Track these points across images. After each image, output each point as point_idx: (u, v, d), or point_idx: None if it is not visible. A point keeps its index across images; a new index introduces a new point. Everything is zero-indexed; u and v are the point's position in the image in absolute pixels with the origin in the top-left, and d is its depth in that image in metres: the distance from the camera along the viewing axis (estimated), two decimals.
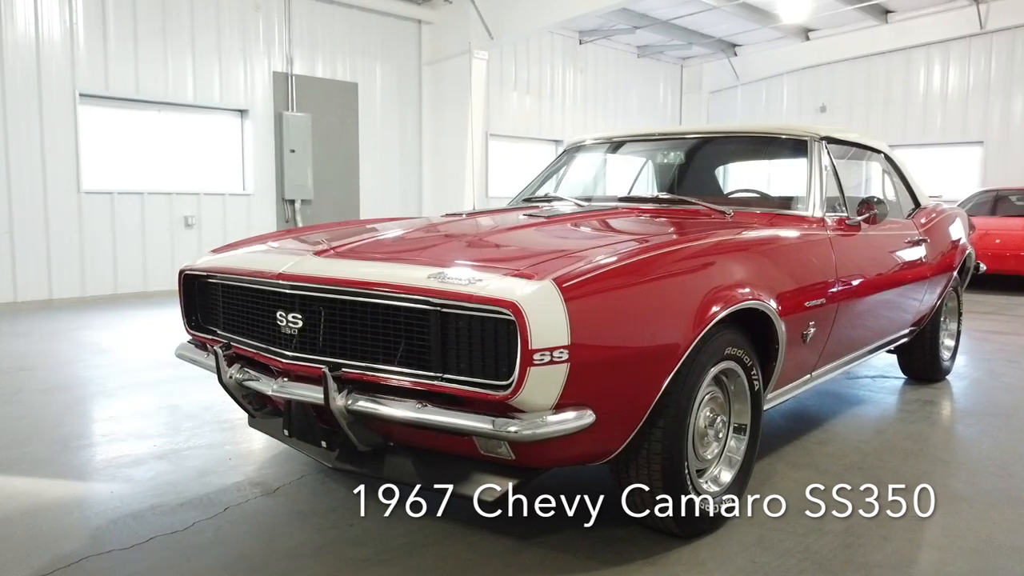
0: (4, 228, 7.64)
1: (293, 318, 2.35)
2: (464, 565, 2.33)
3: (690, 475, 2.40)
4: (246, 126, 9.52)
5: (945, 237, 4.38)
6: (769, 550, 2.44)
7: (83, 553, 2.35)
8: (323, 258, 2.41)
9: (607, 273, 2.12)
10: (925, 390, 4.50)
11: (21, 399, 4.14)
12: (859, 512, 2.73)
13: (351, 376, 2.23)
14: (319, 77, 10.12)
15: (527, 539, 2.50)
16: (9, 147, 7.65)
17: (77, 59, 8.03)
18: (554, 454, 2.14)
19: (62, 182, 8.00)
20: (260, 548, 2.42)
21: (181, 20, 8.77)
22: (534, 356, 1.93)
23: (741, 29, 13.91)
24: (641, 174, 4.08)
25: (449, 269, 2.15)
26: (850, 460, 3.29)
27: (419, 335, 2.13)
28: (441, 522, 2.61)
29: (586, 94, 14.16)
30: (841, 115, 14.49)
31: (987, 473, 3.14)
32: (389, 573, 2.28)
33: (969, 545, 2.50)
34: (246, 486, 2.92)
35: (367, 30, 10.60)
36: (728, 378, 2.63)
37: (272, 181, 9.76)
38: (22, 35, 7.66)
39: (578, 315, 2.00)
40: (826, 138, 3.54)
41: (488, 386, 2.02)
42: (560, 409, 2.02)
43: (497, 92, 12.52)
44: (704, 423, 2.52)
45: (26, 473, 3.03)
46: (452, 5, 10.92)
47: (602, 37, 13.83)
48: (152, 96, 8.61)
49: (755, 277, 2.60)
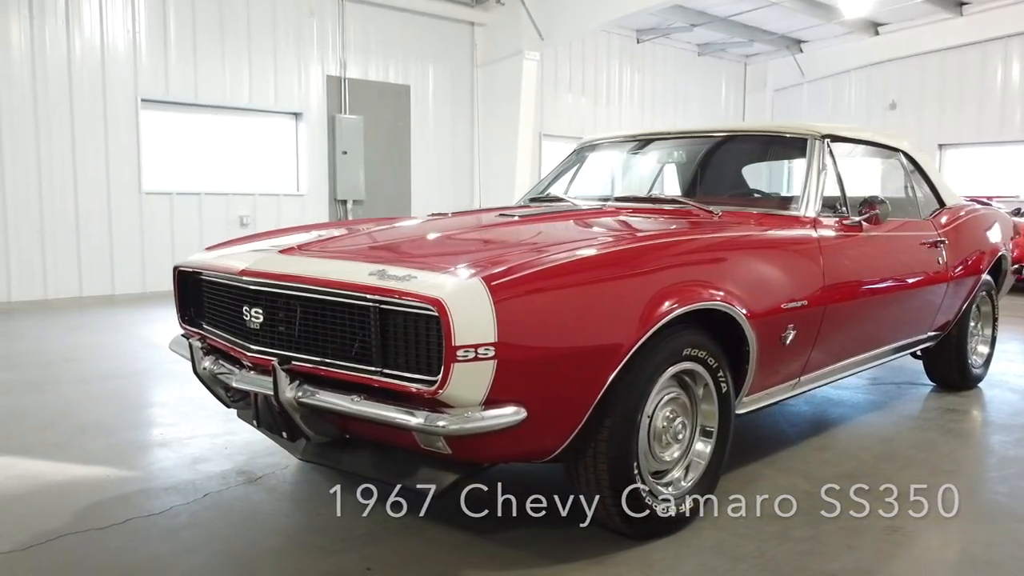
0: (70, 226, 8.09)
1: (255, 313, 2.45)
2: (416, 556, 2.39)
3: (641, 475, 2.39)
4: (300, 128, 9.82)
5: (971, 238, 4.20)
6: (723, 555, 2.41)
7: (62, 531, 2.50)
8: (284, 255, 2.50)
9: (539, 273, 2.13)
10: (951, 398, 4.32)
11: (58, 388, 4.40)
12: (832, 520, 2.66)
13: (304, 370, 2.31)
14: (372, 80, 10.34)
15: (484, 535, 2.54)
16: (76, 150, 8.11)
17: (139, 67, 8.44)
18: (489, 450, 2.17)
19: (124, 183, 8.43)
20: (226, 532, 2.53)
21: (238, 27, 9.11)
22: (458, 352, 1.97)
23: (804, 25, 13.53)
24: (646, 173, 4.05)
25: (391, 267, 2.21)
26: (844, 467, 3.20)
27: (361, 330, 2.20)
28: (406, 515, 2.67)
29: (643, 94, 14.03)
30: (912, 112, 13.95)
31: (986, 486, 3.02)
32: (340, 560, 2.35)
33: (940, 558, 2.41)
34: (231, 474, 3.04)
35: (420, 33, 10.78)
36: (693, 380, 2.61)
37: (325, 182, 10.03)
38: (89, 45, 8.10)
39: (507, 313, 2.03)
40: (829, 136, 3.45)
41: (420, 381, 2.07)
42: (490, 405, 2.06)
43: (551, 92, 12.54)
44: (662, 424, 2.51)
45: (38, 456, 3.23)
46: (504, 7, 11.00)
47: (660, 36, 13.68)
48: (210, 100, 8.98)
49: (719, 277, 2.57)
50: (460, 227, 2.86)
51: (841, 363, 3.38)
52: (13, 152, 7.73)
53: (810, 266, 2.98)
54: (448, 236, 2.70)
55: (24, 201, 7.83)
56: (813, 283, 2.97)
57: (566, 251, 2.28)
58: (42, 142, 7.89)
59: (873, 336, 3.53)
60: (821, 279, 3.01)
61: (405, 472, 2.37)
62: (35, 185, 7.88)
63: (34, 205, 7.89)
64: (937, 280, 3.82)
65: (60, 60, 7.94)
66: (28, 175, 7.83)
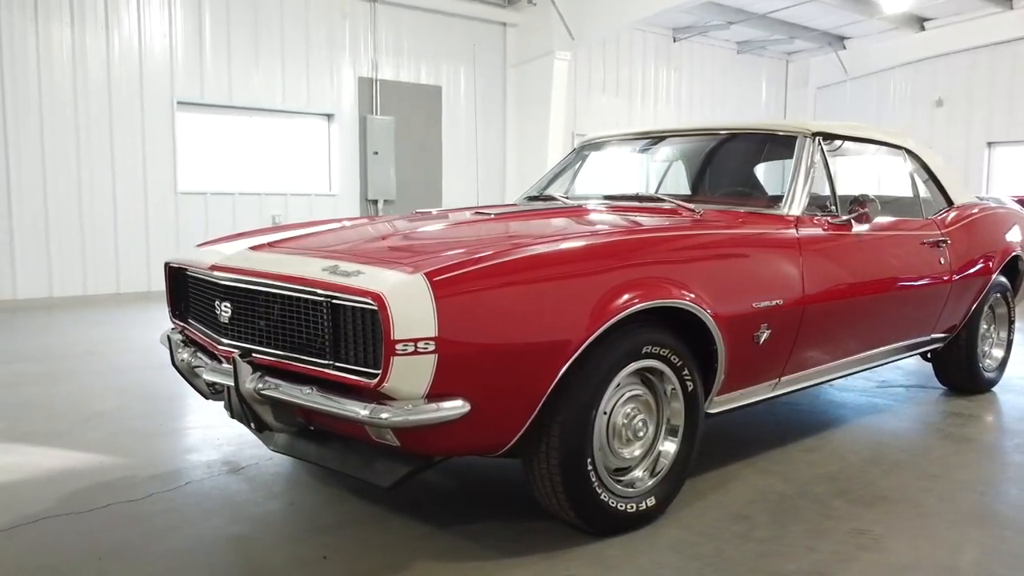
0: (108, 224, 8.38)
1: (225, 307, 2.54)
2: (375, 546, 2.44)
3: (596, 472, 2.40)
4: (332, 129, 10.00)
5: (980, 238, 4.08)
6: (680, 553, 2.40)
7: (44, 514, 2.62)
8: (254, 252, 2.58)
9: (483, 270, 2.17)
10: (960, 402, 4.21)
11: (75, 379, 4.58)
12: (799, 522, 2.63)
13: (266, 363, 2.39)
14: (403, 81, 10.47)
15: (446, 527, 2.58)
16: (115, 151, 8.39)
17: (175, 70, 8.69)
18: (437, 443, 2.21)
19: (160, 183, 8.69)
20: (197, 518, 2.61)
21: (271, 30, 9.32)
22: (397, 346, 2.02)
23: (847, 21, 13.24)
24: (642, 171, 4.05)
25: (343, 263, 2.26)
26: (828, 469, 3.16)
27: (315, 324, 2.26)
28: (376, 506, 2.73)
29: (680, 93, 13.90)
30: (959, 109, 13.54)
31: (969, 492, 2.94)
32: (300, 548, 2.41)
33: (899, 562, 2.37)
34: (217, 464, 3.14)
35: (452, 34, 10.87)
36: (658, 378, 2.60)
37: (356, 181, 10.19)
38: (127, 50, 8.38)
39: (448, 309, 2.06)
40: (820, 134, 3.40)
41: (364, 374, 2.12)
42: (433, 399, 2.09)
43: (585, 92, 12.52)
44: (622, 421, 2.52)
45: (39, 443, 3.38)
46: (536, 7, 11.02)
47: (697, 34, 13.54)
48: (244, 102, 9.20)
49: (682, 275, 2.56)
50: (430, 225, 2.90)
51: (829, 364, 3.32)
52: (55, 153, 8.04)
53: (787, 265, 2.95)
54: (413, 234, 2.75)
55: (65, 201, 8.13)
56: (790, 282, 2.93)
57: (515, 249, 2.31)
58: (82, 143, 8.19)
59: (865, 337, 3.46)
60: (800, 278, 2.97)
61: (363, 464, 2.43)
62: (75, 185, 8.18)
63: (74, 204, 8.19)
64: (938, 281, 3.73)
65: (99, 65, 8.23)
66: (69, 175, 8.14)
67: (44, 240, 8.06)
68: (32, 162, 7.93)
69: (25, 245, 7.96)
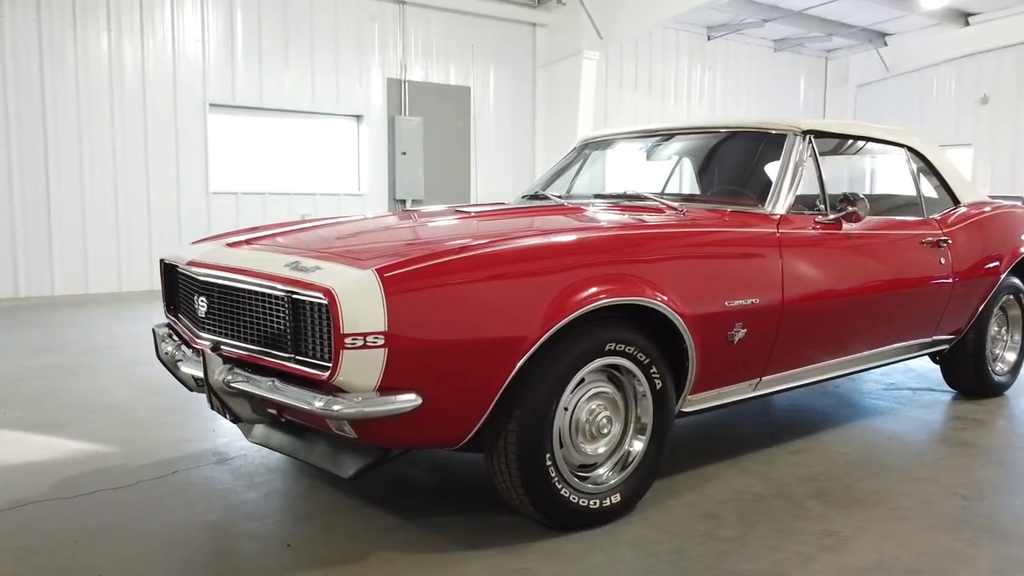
0: (143, 224, 8.64)
1: (201, 302, 2.62)
2: (339, 536, 2.49)
3: (556, 467, 2.42)
4: (362, 130, 10.15)
5: (987, 238, 3.97)
6: (638, 550, 2.41)
7: (32, 499, 2.74)
8: (229, 248, 2.66)
9: (436, 267, 2.20)
10: (967, 406, 4.11)
11: (91, 372, 4.75)
12: (768, 522, 2.62)
13: (237, 356, 2.46)
14: (432, 82, 10.57)
15: (413, 519, 2.63)
16: (149, 153, 8.65)
17: (208, 73, 8.92)
18: (393, 435, 2.26)
19: (193, 183, 8.93)
20: (175, 506, 2.70)
21: (302, 33, 9.50)
22: (346, 340, 2.07)
23: (887, 17, 12.95)
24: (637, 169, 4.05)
25: (305, 259, 2.33)
26: (810, 471, 3.12)
27: (277, 318, 2.32)
28: (349, 497, 2.79)
29: (714, 92, 13.76)
30: (1006, 106, 13.14)
31: (953, 496, 2.88)
32: (266, 535, 2.48)
33: (859, 564, 2.34)
34: (207, 454, 3.24)
35: (482, 35, 10.94)
36: (626, 376, 2.61)
37: (385, 181, 10.33)
38: (161, 53, 8.63)
39: (399, 305, 2.11)
40: (811, 132, 3.36)
41: (319, 367, 2.18)
42: (386, 392, 2.14)
43: (616, 91, 12.47)
44: (586, 418, 2.53)
45: (45, 432, 3.52)
46: (565, 7, 11.03)
47: (732, 32, 13.38)
48: (274, 104, 9.40)
49: (649, 273, 2.56)
50: (405, 223, 2.95)
51: (817, 365, 3.27)
52: (92, 154, 8.32)
53: (765, 264, 2.92)
54: (386, 232, 2.81)
55: (101, 200, 8.41)
56: (768, 282, 2.91)
57: (469, 247, 2.34)
58: (118, 145, 8.46)
59: (857, 338, 3.40)
60: (779, 278, 2.94)
61: (329, 456, 2.49)
62: (111, 185, 8.46)
63: (110, 204, 8.47)
64: (937, 282, 3.65)
65: (135, 68, 8.50)
66: (104, 176, 8.41)
67: (81, 239, 8.35)
68: (70, 163, 8.22)
69: (63, 244, 8.25)
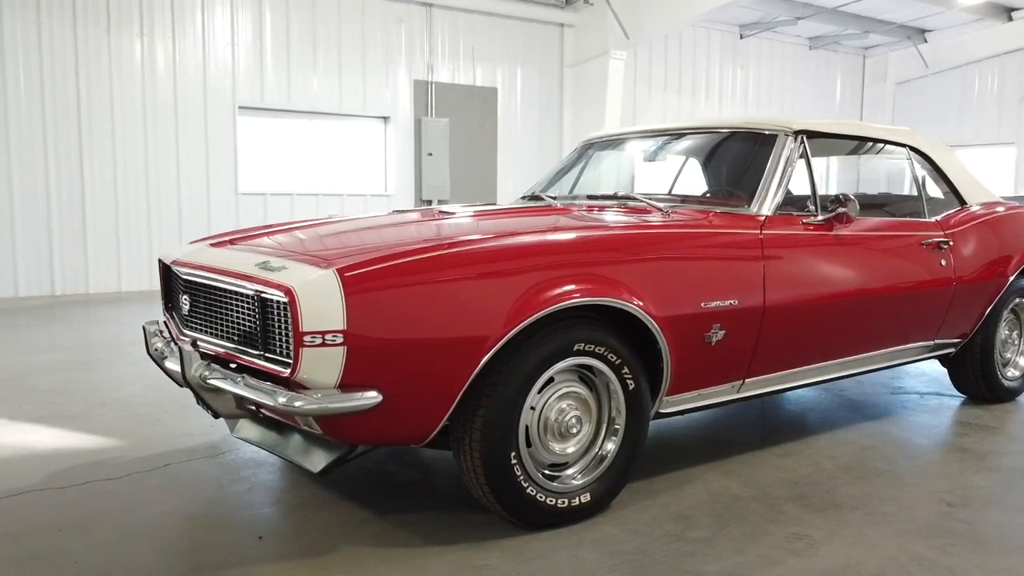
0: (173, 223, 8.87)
1: (184, 300, 2.71)
2: (310, 529, 2.55)
3: (522, 465, 2.44)
4: (388, 131, 10.26)
5: (993, 240, 3.88)
6: (602, 549, 2.42)
7: (27, 488, 2.85)
8: (212, 248, 2.74)
9: (396, 267, 2.24)
10: (975, 411, 4.01)
11: (106, 367, 4.91)
12: (739, 525, 2.60)
13: (214, 353, 2.54)
14: (459, 83, 10.64)
15: (386, 514, 2.67)
16: (180, 154, 8.87)
17: (237, 76, 9.11)
18: (355, 430, 2.30)
19: (222, 184, 9.13)
20: (159, 497, 2.79)
21: (329, 36, 9.65)
22: (304, 338, 2.13)
23: (926, 13, 12.65)
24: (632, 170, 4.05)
25: (275, 259, 2.38)
26: (795, 474, 3.09)
27: (248, 316, 2.39)
28: (327, 491, 2.85)
29: (747, 91, 13.59)
30: None
31: (936, 502, 2.82)
32: (240, 527, 2.55)
33: (823, 567, 2.32)
34: (201, 448, 3.33)
35: (509, 37, 10.97)
36: (598, 376, 2.62)
37: (411, 182, 10.42)
38: (192, 58, 8.84)
39: (359, 304, 2.15)
40: (803, 132, 3.33)
41: (283, 364, 2.24)
42: (347, 388, 2.19)
43: (646, 91, 12.41)
44: (555, 417, 2.55)
45: (51, 424, 3.65)
46: (592, 7, 11.01)
47: (765, 30, 13.21)
48: (302, 106, 9.56)
49: (619, 273, 2.56)
50: (384, 223, 2.99)
51: (805, 368, 3.24)
52: (125, 156, 8.56)
53: (746, 266, 2.90)
54: (360, 231, 2.85)
55: (133, 201, 8.65)
56: (748, 283, 2.89)
57: (433, 248, 2.37)
58: (150, 147, 8.69)
59: (848, 341, 3.36)
60: (761, 279, 2.92)
61: (301, 451, 2.55)
62: (143, 187, 8.68)
63: (142, 205, 8.70)
64: (936, 284, 3.58)
65: (167, 73, 8.71)
66: (137, 177, 8.64)
67: (114, 239, 8.58)
68: (104, 165, 8.46)
69: (97, 244, 8.50)
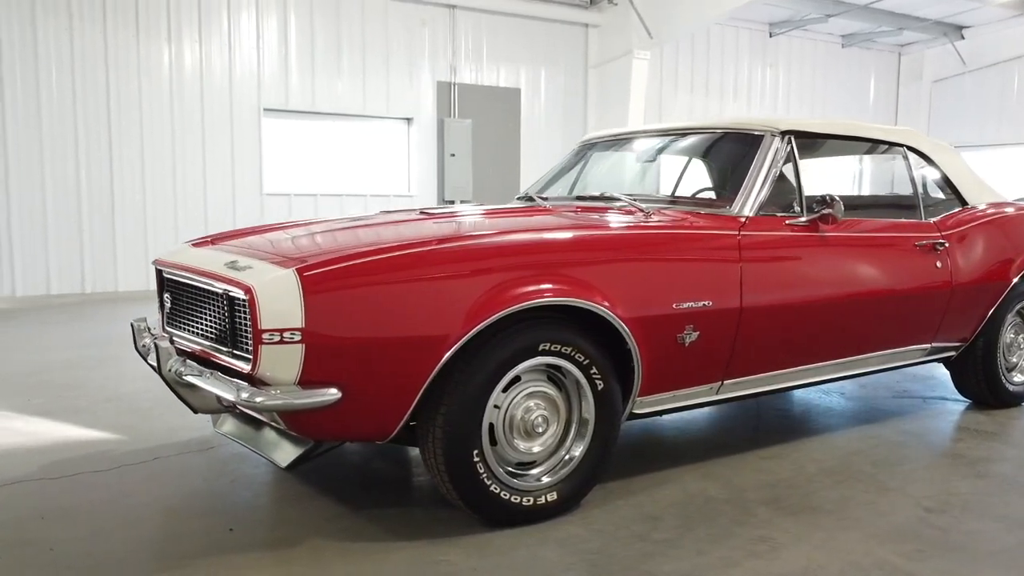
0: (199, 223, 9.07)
1: (167, 298, 2.79)
2: (282, 523, 2.62)
3: (485, 463, 2.47)
4: (412, 132, 10.36)
5: (993, 242, 3.80)
6: (564, 548, 2.44)
7: (20, 479, 2.96)
8: (193, 248, 2.82)
9: (356, 267, 2.29)
10: (977, 417, 3.93)
11: (118, 364, 5.04)
12: (706, 527, 2.60)
13: (191, 350, 2.61)
14: (482, 84, 10.70)
15: (358, 509, 2.73)
16: (207, 156, 9.08)
17: (263, 79, 9.29)
18: (317, 426, 2.36)
19: (248, 185, 9.31)
20: (143, 489, 2.88)
21: (352, 39, 9.78)
22: (263, 335, 2.19)
23: (963, 9, 12.37)
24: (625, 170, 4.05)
25: (243, 258, 2.45)
26: (775, 477, 3.07)
27: (217, 314, 2.46)
28: (306, 486, 2.91)
29: (776, 91, 13.42)
30: None
31: (914, 508, 2.78)
32: (213, 520, 2.62)
33: (781, 570, 2.31)
34: (192, 443, 3.42)
35: (533, 37, 11.00)
36: (567, 376, 2.64)
37: (434, 183, 10.51)
38: (218, 61, 9.03)
39: (318, 303, 2.21)
40: (790, 132, 3.30)
41: (246, 360, 2.30)
42: (306, 385, 2.25)
43: (671, 91, 12.34)
44: (521, 416, 2.57)
45: (56, 418, 3.78)
46: (617, 7, 10.98)
47: (795, 28, 13.02)
48: (326, 108, 9.70)
49: (586, 273, 2.58)
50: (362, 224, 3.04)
51: (788, 370, 3.21)
52: (152, 158, 8.78)
53: (721, 267, 2.89)
54: (336, 232, 2.90)
55: (161, 202, 8.86)
56: (724, 284, 2.88)
57: (394, 248, 2.42)
58: (177, 148, 8.90)
59: (834, 344, 3.32)
60: (737, 280, 2.91)
61: (272, 446, 2.62)
62: (170, 187, 8.90)
63: (169, 206, 8.91)
64: (931, 286, 3.52)
65: (193, 76, 8.92)
66: (164, 177, 8.86)
67: (142, 238, 8.81)
68: (133, 167, 8.69)
69: (126, 243, 8.73)
